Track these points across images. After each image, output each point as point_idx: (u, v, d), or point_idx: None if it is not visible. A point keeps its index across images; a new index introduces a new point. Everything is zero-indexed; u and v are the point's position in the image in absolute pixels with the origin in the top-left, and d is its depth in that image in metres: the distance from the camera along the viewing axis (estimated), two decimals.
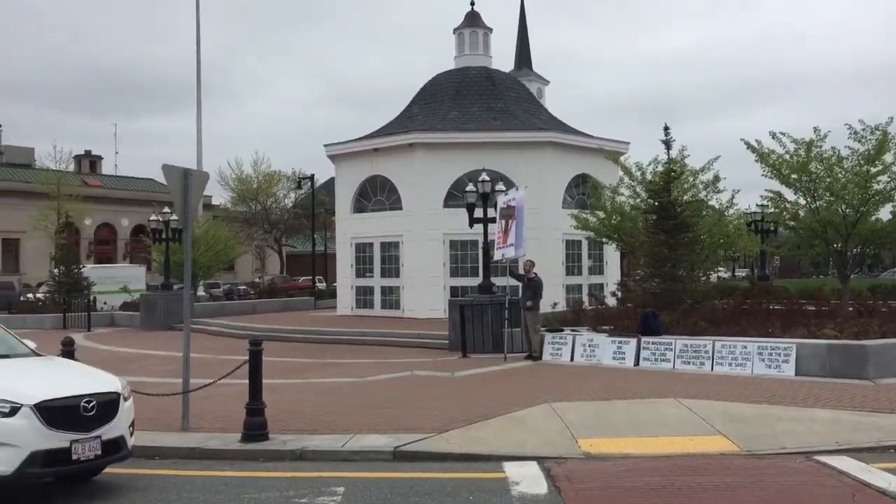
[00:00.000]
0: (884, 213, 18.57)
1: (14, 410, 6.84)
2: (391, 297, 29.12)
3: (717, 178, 20.67)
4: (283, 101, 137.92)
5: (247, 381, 9.69)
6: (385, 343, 21.91)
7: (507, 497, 7.24)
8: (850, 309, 18.00)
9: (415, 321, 25.87)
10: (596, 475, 7.96)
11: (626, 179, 22.41)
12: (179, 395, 10.40)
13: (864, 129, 17.09)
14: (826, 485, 7.44)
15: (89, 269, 38.35)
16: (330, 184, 47.04)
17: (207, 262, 34.95)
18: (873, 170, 17.07)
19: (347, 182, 30.89)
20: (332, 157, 31.38)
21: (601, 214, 22.92)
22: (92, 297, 32.20)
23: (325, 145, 31.39)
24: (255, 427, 9.49)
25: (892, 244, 20.16)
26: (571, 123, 32.39)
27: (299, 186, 58.04)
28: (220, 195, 62.45)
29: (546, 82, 68.94)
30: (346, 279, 30.77)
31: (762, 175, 18.31)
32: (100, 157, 70.51)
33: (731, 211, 22.41)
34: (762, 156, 18.06)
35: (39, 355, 8.58)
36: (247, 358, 9.75)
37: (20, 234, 56.08)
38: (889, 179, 17.25)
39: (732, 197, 21.48)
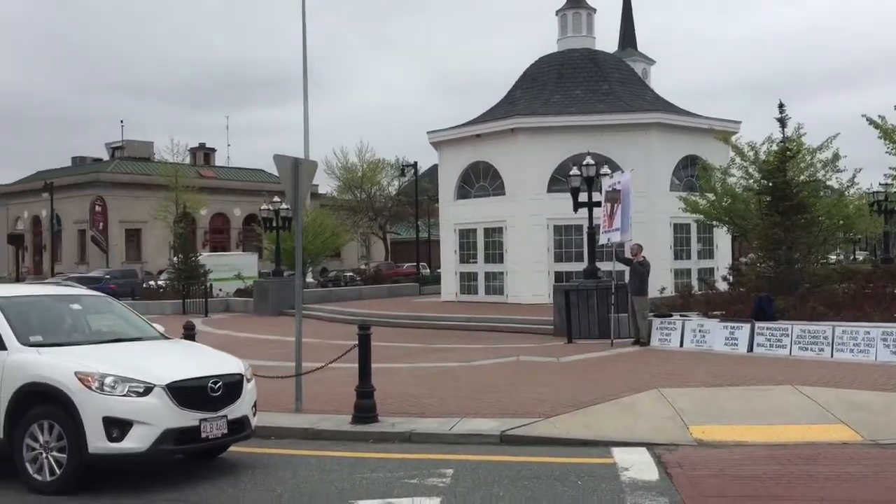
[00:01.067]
0: None
1: (148, 390, 7.22)
2: (495, 283, 29.14)
3: (836, 157, 19.72)
4: (386, 89, 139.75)
5: (356, 365, 9.91)
6: (489, 328, 21.97)
7: (616, 483, 7.15)
8: None
9: (519, 307, 25.83)
10: (709, 462, 7.76)
11: (738, 160, 21.67)
12: (293, 377, 10.73)
13: None
14: None
15: (205, 257, 39.92)
16: (433, 171, 47.44)
17: (315, 249, 35.87)
18: None
19: (450, 168, 31.05)
20: (435, 144, 31.60)
21: (711, 196, 22.26)
22: (208, 284, 33.55)
23: (428, 132, 31.64)
24: (365, 409, 9.70)
25: None
26: (679, 104, 31.50)
27: (403, 174, 58.75)
28: (326, 184, 63.94)
29: (651, 62, 67.34)
30: (449, 265, 30.99)
31: (886, 152, 17.42)
32: (213, 150, 73.34)
33: (852, 191, 21.36)
34: (886, 132, 17.16)
35: (167, 338, 9.02)
36: (355, 342, 9.97)
37: (142, 224, 59.07)
38: None
39: (854, 176, 20.47)
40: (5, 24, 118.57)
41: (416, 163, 51.70)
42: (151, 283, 40.30)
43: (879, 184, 27.61)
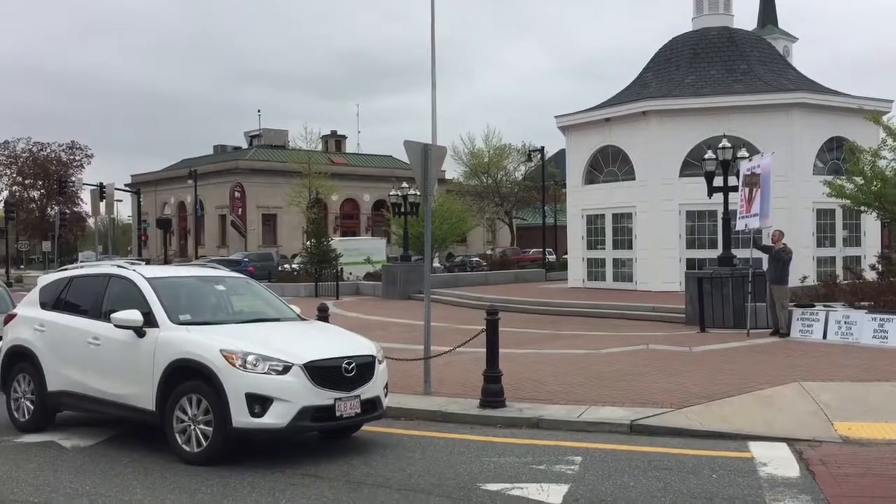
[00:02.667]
0: None
1: (286, 369, 7.51)
2: (623, 270, 28.58)
3: None
4: (514, 74, 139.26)
5: (483, 350, 9.96)
6: (618, 316, 21.58)
7: (754, 478, 6.88)
8: None
9: (648, 294, 25.23)
10: (855, 461, 7.34)
11: (890, 141, 20.24)
12: (421, 360, 10.91)
13: None
14: None
15: (336, 242, 41.10)
16: (560, 156, 46.95)
17: (442, 234, 36.25)
18: None
19: (578, 153, 30.61)
20: (563, 129, 31.21)
21: (859, 181, 20.89)
22: (339, 268, 34.56)
23: (556, 116, 31.29)
24: (493, 394, 9.74)
25: None
26: (827, 83, 29.76)
27: (529, 159, 58.47)
28: (452, 170, 64.52)
29: (794, 39, 63.94)
30: (576, 251, 30.61)
31: None
32: (344, 137, 75.41)
33: None
34: None
35: (304, 319, 9.35)
36: (482, 327, 10.01)
37: (277, 209, 61.54)
38: None
39: None
40: (153, 23, 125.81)
41: (542, 147, 51.34)
42: (286, 266, 41.87)
43: None
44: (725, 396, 10.09)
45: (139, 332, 8.06)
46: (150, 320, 8.11)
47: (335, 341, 8.44)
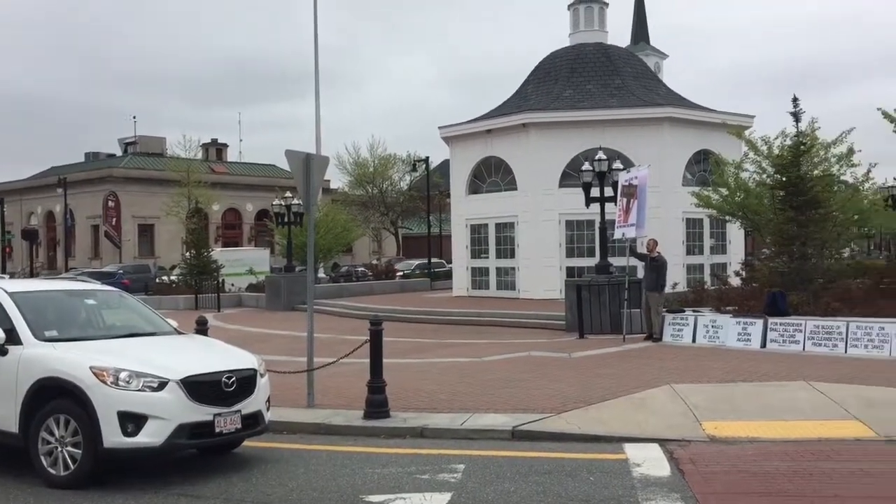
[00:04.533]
0: None
1: (162, 385, 7.25)
2: (506, 278, 29.13)
3: (850, 151, 19.58)
4: (399, 84, 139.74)
5: (367, 360, 9.93)
6: (501, 324, 21.97)
7: (628, 478, 7.14)
8: None
9: (530, 302, 25.81)
10: (721, 459, 7.74)
11: (751, 154, 21.55)
12: (304, 372, 10.76)
13: None
14: None
15: (217, 253, 40.03)
16: (445, 166, 47.39)
17: (327, 244, 35.92)
18: None
19: (462, 163, 31.03)
20: (447, 139, 31.58)
21: (724, 191, 22.16)
22: (220, 279, 33.67)
23: (440, 127, 31.62)
24: (377, 404, 9.72)
25: None
26: (692, 98, 31.34)
27: (414, 169, 58.77)
28: (338, 179, 64.14)
29: (664, 56, 67.05)
30: (461, 260, 30.98)
31: None
32: (225, 145, 73.59)
33: (867, 186, 21.18)
34: None
35: (181, 333, 9.04)
36: (367, 337, 9.99)
37: (154, 219, 59.34)
38: None
39: (868, 171, 20.31)
40: (19, 21, 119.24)
41: (427, 157, 51.69)
42: (164, 278, 40.48)
43: (894, 178, 27.41)
44: (602, 400, 10.43)
45: (1, 350, 7.61)
46: (12, 337, 7.68)
47: (214, 355, 8.23)
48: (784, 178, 17.76)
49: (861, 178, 20.37)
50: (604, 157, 20.19)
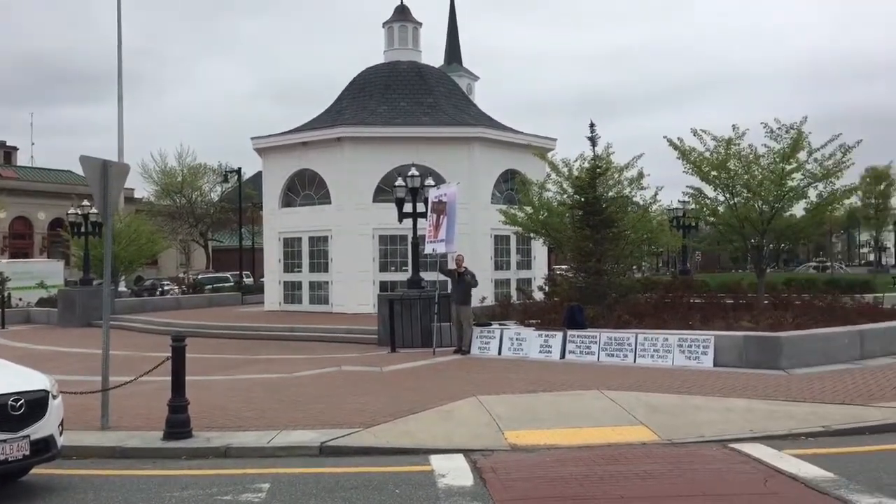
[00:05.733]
0: (797, 210, 19.28)
1: None
2: (320, 292, 28.89)
3: (640, 175, 21.11)
4: (211, 92, 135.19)
5: (170, 378, 9.50)
6: (313, 338, 21.74)
7: (432, 490, 7.28)
8: (766, 302, 18.65)
9: (344, 316, 25.74)
10: (521, 466, 8.07)
11: (553, 175, 22.72)
12: (99, 392, 10.12)
13: (779, 128, 17.72)
14: (740, 471, 7.71)
15: (4, 264, 36.95)
16: (258, 178, 46.29)
17: (129, 256, 34.09)
18: (788, 167, 17.71)
19: (275, 176, 30.49)
20: (260, 151, 30.93)
21: (529, 210, 23.21)
22: (6, 294, 30.99)
23: (252, 138, 30.94)
24: (178, 424, 9.31)
25: (806, 239, 20.96)
26: (503, 120, 32.66)
27: (226, 180, 57.00)
28: (143, 188, 60.98)
29: (476, 78, 69.32)
30: (273, 274, 30.40)
31: (684, 172, 18.81)
32: (15, 148, 67.98)
33: (655, 207, 22.93)
34: (683, 153, 18.55)
35: None
36: (169, 354, 9.56)
37: None
38: (802, 177, 17.92)
39: (656, 193, 22.00)
40: None
41: (240, 169, 50.33)
42: None
43: (679, 201, 29.88)
44: (411, 413, 10.58)
45: None
46: None
47: (0, 376, 7.55)
48: (582, 199, 18.87)
49: (650, 199, 22.05)
50: (416, 173, 20.57)
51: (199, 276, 48.05)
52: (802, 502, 6.64)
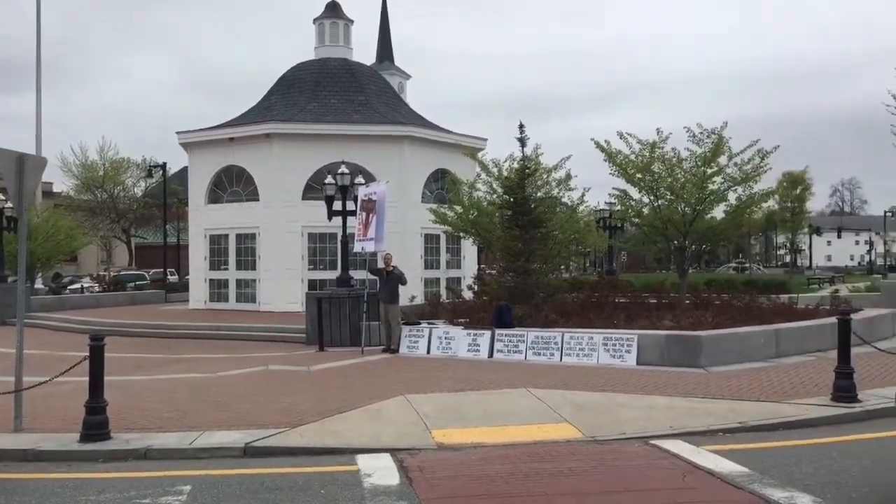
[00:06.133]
0: (718, 212, 19.87)
1: None
2: (247, 291, 28.46)
3: (568, 176, 21.47)
4: (136, 84, 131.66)
5: (87, 378, 9.22)
6: (240, 337, 21.42)
7: (358, 489, 7.24)
8: (688, 302, 19.17)
9: (271, 315, 25.42)
10: (447, 465, 8.10)
11: (484, 175, 22.89)
12: (12, 393, 9.75)
13: (701, 133, 18.22)
14: (659, 467, 7.90)
15: None
16: (184, 173, 45.35)
17: (46, 252, 32.98)
18: (709, 171, 18.23)
19: (201, 171, 29.90)
20: (186, 146, 30.28)
21: (459, 209, 23.33)
22: None
23: (178, 132, 30.28)
24: (96, 426, 9.03)
25: (726, 241, 21.62)
26: (436, 120, 32.76)
27: (150, 175, 55.56)
28: (62, 182, 59.00)
29: (408, 77, 69.25)
30: (199, 272, 29.81)
31: (610, 174, 19.17)
32: None
33: (582, 208, 23.32)
34: (610, 155, 18.91)
35: None
36: (87, 354, 9.28)
37: None
38: (723, 180, 18.48)
39: (583, 195, 22.40)
40: None
41: (165, 163, 49.21)
42: None
43: (605, 202, 30.49)
44: (338, 413, 10.50)
45: None
46: None
47: None
48: (511, 199, 19.04)
49: (577, 200, 22.42)
50: (346, 171, 20.45)
51: (121, 273, 46.85)
52: (718, 497, 6.84)
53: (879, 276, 40.04)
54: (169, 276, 46.34)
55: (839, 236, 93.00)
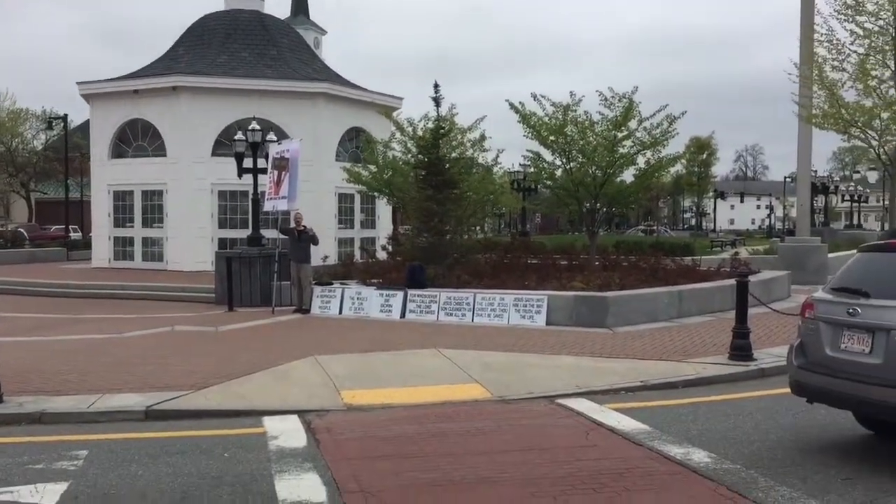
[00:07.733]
0: (627, 176, 20.23)
1: None
2: (154, 249, 27.66)
3: (483, 137, 21.48)
4: (34, 30, 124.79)
5: None
6: (146, 297, 20.84)
7: (264, 452, 7.15)
8: (597, 263, 19.54)
9: (180, 274, 24.79)
10: (355, 426, 8.08)
11: (399, 135, 22.68)
12: None
13: (613, 97, 18.44)
14: (564, 425, 8.07)
15: None
16: (87, 126, 43.47)
17: None
18: (620, 135, 18.50)
19: (104, 124, 28.69)
20: (87, 97, 28.97)
21: (373, 168, 23.09)
22: None
23: (79, 83, 28.91)
24: None
25: (635, 204, 22.08)
26: (354, 78, 32.22)
27: (50, 127, 53.02)
28: None
29: (323, 32, 67.87)
30: (102, 229, 28.77)
31: (524, 136, 19.24)
32: None
33: (497, 169, 23.40)
34: (524, 117, 18.95)
35: None
36: None
37: None
38: (633, 144, 18.79)
39: (497, 156, 22.50)
40: None
41: (66, 115, 47.04)
42: None
43: (519, 164, 30.70)
44: (246, 374, 10.33)
45: None
46: None
47: None
48: (425, 159, 18.94)
49: (492, 162, 22.48)
50: (258, 127, 19.96)
51: (18, 230, 44.77)
52: (619, 453, 7.04)
53: (777, 240, 41.80)
54: (72, 234, 44.60)
55: (742, 200, 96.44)
